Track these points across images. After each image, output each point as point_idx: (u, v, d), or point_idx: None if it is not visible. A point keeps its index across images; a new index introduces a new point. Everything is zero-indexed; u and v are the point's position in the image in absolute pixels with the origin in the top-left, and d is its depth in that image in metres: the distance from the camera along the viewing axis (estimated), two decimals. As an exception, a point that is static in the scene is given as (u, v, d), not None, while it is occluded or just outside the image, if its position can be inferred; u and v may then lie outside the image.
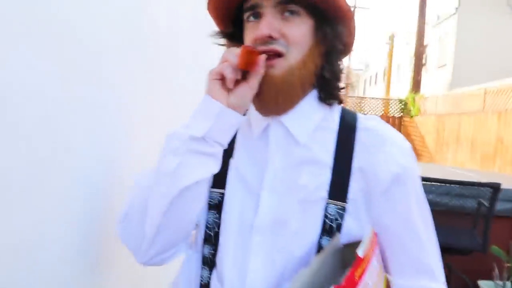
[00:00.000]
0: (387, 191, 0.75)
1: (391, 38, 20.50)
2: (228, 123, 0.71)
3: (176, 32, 1.36)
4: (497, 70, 12.16)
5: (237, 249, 0.77)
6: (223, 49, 0.79)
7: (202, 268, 0.80)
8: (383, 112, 12.32)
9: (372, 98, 12.76)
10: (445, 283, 0.83)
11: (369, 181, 0.76)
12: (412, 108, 11.61)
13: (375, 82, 26.77)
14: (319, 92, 0.78)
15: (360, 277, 0.63)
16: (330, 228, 0.74)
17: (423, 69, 14.16)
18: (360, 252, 0.66)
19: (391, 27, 21.22)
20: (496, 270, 2.83)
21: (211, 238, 0.79)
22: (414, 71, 13.16)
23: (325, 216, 0.74)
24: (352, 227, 0.75)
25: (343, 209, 0.75)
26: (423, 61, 14.24)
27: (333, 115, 0.80)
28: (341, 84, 0.80)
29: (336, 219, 0.74)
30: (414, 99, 11.71)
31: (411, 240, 0.78)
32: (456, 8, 14.25)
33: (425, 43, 13.96)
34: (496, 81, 7.81)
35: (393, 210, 0.76)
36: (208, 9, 0.80)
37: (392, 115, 12.25)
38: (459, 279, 2.98)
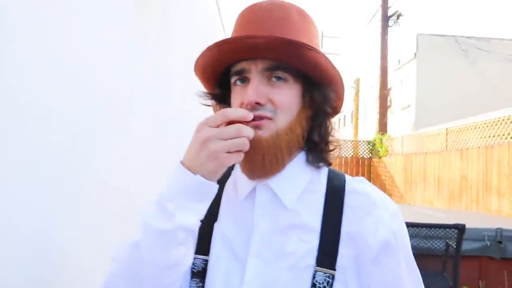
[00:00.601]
0: (377, 258, 0.73)
1: (357, 82, 21.33)
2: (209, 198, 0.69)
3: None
4: (457, 110, 12.79)
5: None
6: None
7: None
8: (353, 153, 12.59)
9: (342, 140, 13.04)
10: None
11: (358, 247, 0.73)
12: (380, 149, 11.94)
13: (344, 124, 27.49)
14: (307, 154, 0.78)
15: None
16: None
17: (389, 111, 14.72)
18: None
19: (356, 71, 22.10)
20: (469, 311, 2.85)
21: None
22: (380, 113, 13.65)
23: (313, 285, 0.72)
24: None
25: (332, 277, 0.72)
26: (388, 103, 14.82)
27: (320, 177, 0.79)
28: (330, 147, 0.79)
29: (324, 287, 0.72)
30: (381, 140, 12.07)
31: None
32: (415, 53, 15.11)
33: (388, 86, 14.60)
34: (457, 121, 8.19)
35: (383, 278, 0.74)
36: (195, 71, 0.80)
37: (361, 156, 12.53)
38: (433, 323, 2.97)
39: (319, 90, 0.76)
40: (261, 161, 0.72)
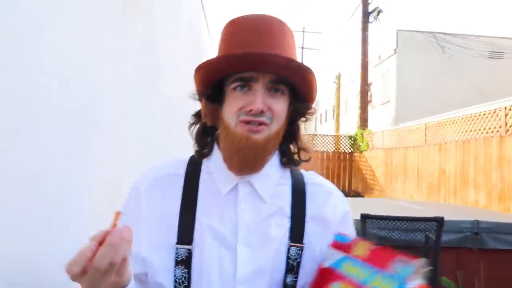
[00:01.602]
0: (334, 232, 0.90)
1: (338, 77, 21.52)
2: None
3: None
4: (436, 106, 13.06)
5: None
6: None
7: None
8: (334, 148, 12.73)
9: (324, 135, 13.17)
10: None
11: (321, 226, 0.92)
12: (361, 144, 12.10)
13: (325, 119, 27.70)
14: (282, 157, 0.93)
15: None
16: (292, 267, 0.88)
17: (369, 106, 14.92)
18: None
19: (337, 67, 22.28)
20: (447, 301, 2.95)
21: None
22: (361, 108, 13.82)
23: (288, 258, 0.88)
24: (308, 265, 0.88)
25: (301, 249, 0.89)
26: (369, 98, 15.03)
27: (286, 173, 0.95)
28: (302, 153, 0.93)
29: (296, 259, 0.88)
30: (362, 135, 12.24)
31: None
32: (395, 49, 15.33)
33: (369, 81, 14.79)
34: (435, 116, 8.37)
35: None
36: (200, 70, 0.85)
37: (343, 150, 12.68)
38: (414, 313, 3.06)
39: (303, 104, 0.90)
40: (253, 160, 0.83)
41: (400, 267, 0.76)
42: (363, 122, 13.55)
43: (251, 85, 0.83)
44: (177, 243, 0.84)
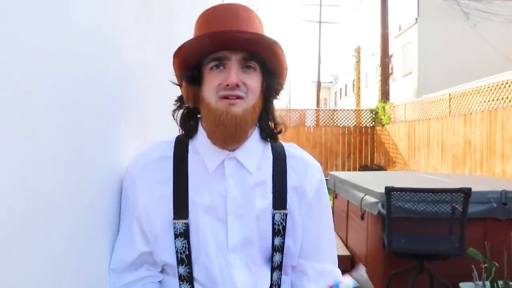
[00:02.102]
0: (311, 201, 1.04)
1: (357, 50, 21.07)
2: None
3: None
4: (459, 75, 12.68)
5: (221, 266, 0.95)
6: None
7: (180, 284, 0.95)
8: (355, 122, 12.58)
9: (344, 109, 12.99)
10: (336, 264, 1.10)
11: (300, 196, 1.03)
12: (383, 117, 11.92)
13: (345, 94, 27.30)
14: (261, 132, 1.01)
15: None
16: (278, 231, 1.00)
17: (390, 78, 14.60)
18: None
19: (356, 40, 21.78)
20: (475, 271, 2.93)
21: (184, 260, 0.94)
22: (382, 81, 13.55)
23: (274, 223, 1.00)
24: (291, 227, 1.02)
25: (285, 214, 1.01)
26: (390, 71, 14.69)
27: (268, 147, 1.03)
28: (279, 127, 1.02)
29: (281, 223, 1.00)
30: (384, 108, 12.03)
31: (317, 232, 1.05)
32: (416, 19, 14.86)
33: (390, 53, 14.44)
34: (459, 86, 8.14)
35: (312, 214, 1.05)
36: (178, 54, 0.94)
37: (364, 125, 12.52)
38: (441, 284, 3.07)
39: (274, 79, 0.99)
40: (234, 131, 0.91)
41: None
42: (385, 95, 13.29)
43: (225, 63, 0.92)
44: (174, 218, 0.94)
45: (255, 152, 0.99)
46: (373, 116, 12.46)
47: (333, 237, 1.10)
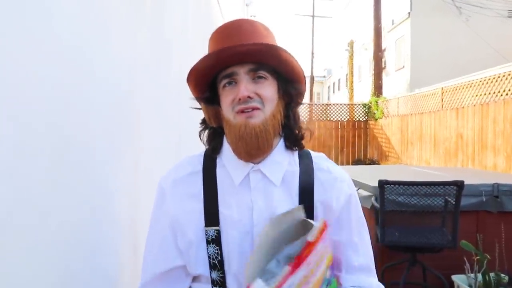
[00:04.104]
0: (339, 216, 1.00)
1: (350, 44, 21.08)
2: None
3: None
4: (451, 69, 12.75)
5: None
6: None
7: None
8: (348, 117, 12.60)
9: (337, 104, 13.01)
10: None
11: (326, 211, 1.00)
12: (376, 111, 11.95)
13: (339, 88, 27.35)
14: (285, 141, 1.00)
15: (306, 256, 0.81)
16: None
17: (383, 73, 14.63)
18: (309, 237, 0.83)
19: (349, 34, 21.77)
20: (467, 264, 2.96)
21: (216, 265, 0.95)
22: (375, 75, 13.57)
23: None
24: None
25: None
26: (383, 65, 14.71)
27: (295, 158, 1.01)
28: (303, 132, 1.01)
29: None
30: (377, 103, 12.06)
31: (350, 247, 1.02)
32: (409, 13, 14.88)
33: (383, 47, 14.45)
34: (452, 80, 8.17)
35: (341, 230, 1.01)
36: (191, 77, 0.96)
37: (357, 119, 12.55)
38: (433, 276, 3.09)
39: (290, 85, 0.98)
40: (256, 143, 0.91)
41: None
42: (377, 89, 13.33)
43: (235, 78, 0.93)
44: (206, 225, 0.95)
45: (280, 164, 0.98)
46: (366, 110, 12.50)
47: (369, 250, 1.05)
